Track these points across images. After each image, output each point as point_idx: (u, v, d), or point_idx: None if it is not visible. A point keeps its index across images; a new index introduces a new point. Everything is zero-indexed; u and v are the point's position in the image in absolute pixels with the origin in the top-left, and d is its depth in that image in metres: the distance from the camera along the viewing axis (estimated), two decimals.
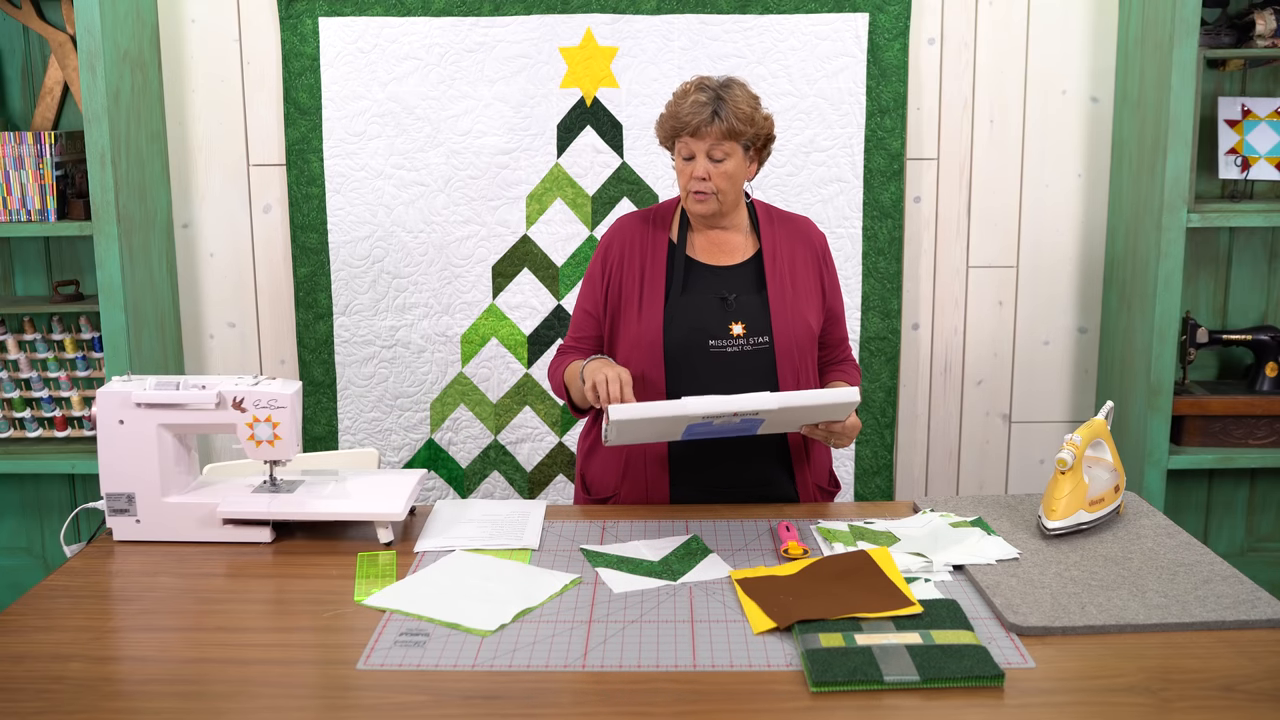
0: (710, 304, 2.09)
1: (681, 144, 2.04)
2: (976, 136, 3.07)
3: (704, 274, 2.12)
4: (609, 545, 1.86)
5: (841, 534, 1.86)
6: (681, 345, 2.06)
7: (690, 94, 2.03)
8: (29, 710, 1.38)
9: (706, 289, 2.10)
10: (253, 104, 3.04)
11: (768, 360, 2.07)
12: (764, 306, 2.09)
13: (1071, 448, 1.82)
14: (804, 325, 2.11)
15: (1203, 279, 3.11)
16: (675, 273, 2.11)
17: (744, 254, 2.15)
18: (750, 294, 2.10)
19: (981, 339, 3.17)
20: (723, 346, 2.06)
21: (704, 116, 2.00)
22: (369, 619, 1.60)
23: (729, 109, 2.01)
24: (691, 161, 2.04)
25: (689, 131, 2.02)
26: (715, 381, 2.04)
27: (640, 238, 2.16)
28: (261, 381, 1.90)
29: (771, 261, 2.13)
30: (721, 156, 2.03)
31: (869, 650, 1.45)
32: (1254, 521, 3.21)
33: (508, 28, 2.95)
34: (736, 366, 2.06)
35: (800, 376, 2.11)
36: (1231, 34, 2.85)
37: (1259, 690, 1.39)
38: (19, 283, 3.11)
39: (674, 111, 2.04)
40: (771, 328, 2.08)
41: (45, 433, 3.04)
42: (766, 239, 2.15)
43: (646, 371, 2.08)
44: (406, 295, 3.06)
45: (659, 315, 2.08)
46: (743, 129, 2.02)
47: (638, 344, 2.08)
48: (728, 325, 2.07)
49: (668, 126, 2.06)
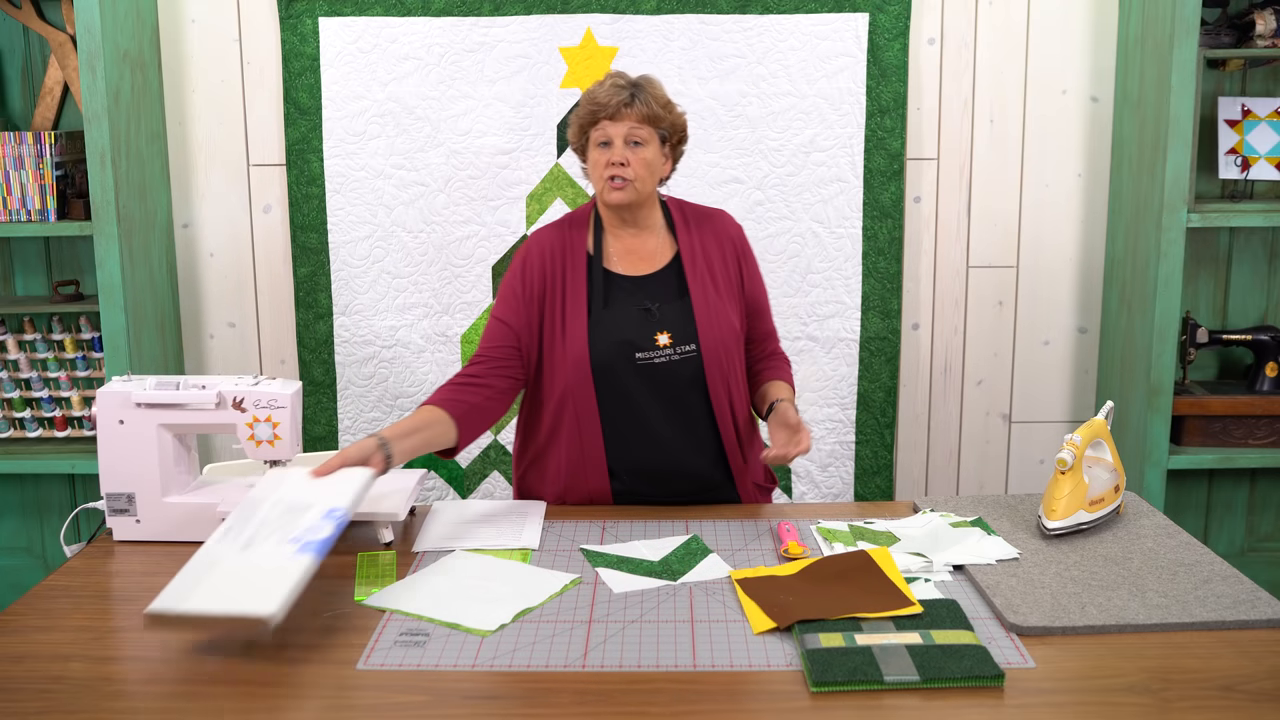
0: (633, 316, 2.05)
1: (598, 131, 2.02)
2: (976, 136, 3.07)
3: (624, 285, 2.09)
4: (609, 545, 1.86)
5: (841, 534, 1.86)
6: (608, 361, 2.03)
7: (606, 81, 2.04)
8: (29, 710, 1.38)
9: (628, 301, 2.07)
10: (253, 104, 3.04)
11: (695, 368, 2.05)
12: (688, 313, 2.06)
13: (1071, 448, 1.82)
14: (729, 328, 2.09)
15: (1203, 279, 3.11)
16: (595, 287, 2.07)
17: (662, 259, 2.12)
18: (673, 301, 2.07)
19: (981, 339, 3.17)
20: (649, 358, 2.03)
21: (623, 98, 2.00)
22: (369, 619, 1.60)
23: (647, 94, 2.02)
24: (608, 148, 2.02)
25: (607, 114, 2.00)
26: (645, 394, 2.04)
27: (558, 252, 2.11)
28: (261, 381, 1.90)
29: (691, 265, 2.10)
30: (640, 140, 2.02)
31: (869, 650, 1.45)
32: (1254, 521, 3.21)
33: (508, 28, 2.95)
34: (664, 378, 2.04)
35: (729, 381, 2.09)
36: (1231, 34, 2.85)
37: (1259, 690, 1.39)
38: (19, 283, 3.11)
39: (591, 97, 2.03)
40: (697, 335, 2.05)
41: (45, 433, 3.04)
42: (684, 241, 2.12)
43: (576, 396, 2.05)
44: (406, 295, 3.06)
45: (583, 333, 2.04)
46: (661, 114, 2.03)
47: (564, 364, 2.05)
48: (653, 336, 2.04)
49: (584, 114, 2.04)
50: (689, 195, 3.01)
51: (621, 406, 2.05)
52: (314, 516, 1.63)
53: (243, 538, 1.61)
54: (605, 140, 2.02)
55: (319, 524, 1.62)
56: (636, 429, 2.06)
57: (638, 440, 2.06)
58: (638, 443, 2.06)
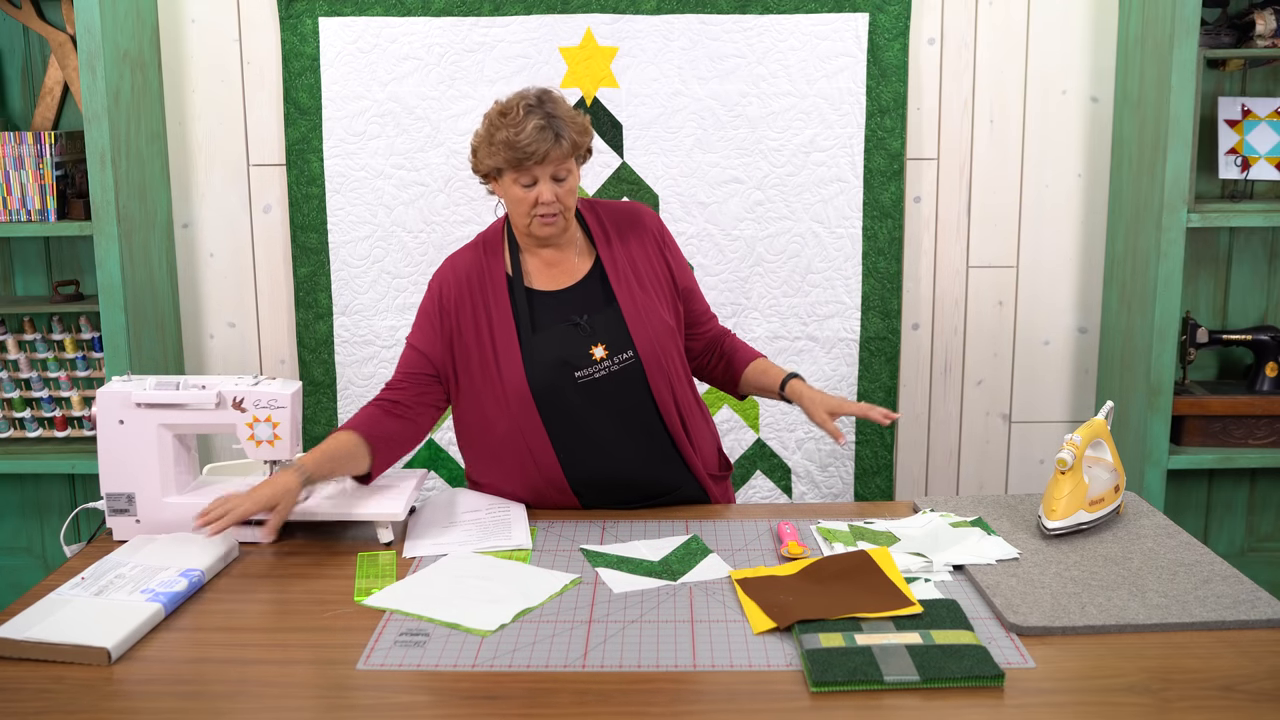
0: (565, 334, 1.99)
1: (522, 173, 1.92)
2: (976, 136, 3.07)
3: (549, 303, 2.02)
4: (609, 545, 1.86)
5: (841, 534, 1.86)
6: (548, 386, 1.97)
7: (522, 119, 1.90)
8: (29, 710, 1.38)
9: (557, 318, 2.01)
10: (253, 104, 3.04)
11: (637, 375, 2.00)
12: (618, 320, 2.01)
13: (1071, 448, 1.82)
14: (663, 327, 2.04)
15: (1203, 279, 3.11)
16: (520, 310, 2.00)
17: (583, 269, 2.06)
18: (601, 310, 2.02)
19: (981, 339, 3.17)
20: (589, 374, 1.98)
21: (549, 141, 1.90)
22: (369, 619, 1.60)
23: (565, 126, 1.92)
24: (532, 188, 1.93)
25: (536, 160, 1.90)
26: (590, 410, 1.99)
27: (475, 278, 2.03)
28: (261, 381, 1.90)
29: (613, 269, 2.04)
30: (564, 175, 1.95)
31: (869, 650, 1.45)
32: (1254, 521, 3.21)
33: (508, 28, 2.95)
34: (607, 390, 1.99)
35: (673, 382, 2.04)
36: (1231, 34, 2.85)
37: (1259, 690, 1.39)
38: (19, 283, 3.11)
39: (511, 141, 1.90)
40: (633, 341, 2.00)
41: (45, 433, 3.04)
42: (603, 246, 2.06)
43: (523, 425, 1.98)
44: (406, 295, 3.06)
45: (517, 360, 1.97)
46: (582, 141, 1.96)
47: (505, 399, 1.98)
48: (588, 351, 1.98)
49: (505, 157, 1.91)
50: (689, 195, 3.03)
51: (569, 426, 2.00)
52: (170, 574, 1.70)
53: (95, 587, 1.66)
54: (530, 182, 1.94)
55: (173, 579, 1.69)
56: (587, 445, 2.01)
57: (591, 455, 2.01)
58: (591, 457, 2.01)
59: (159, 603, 1.61)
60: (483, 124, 1.99)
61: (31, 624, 1.54)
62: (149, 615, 1.58)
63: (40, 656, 1.49)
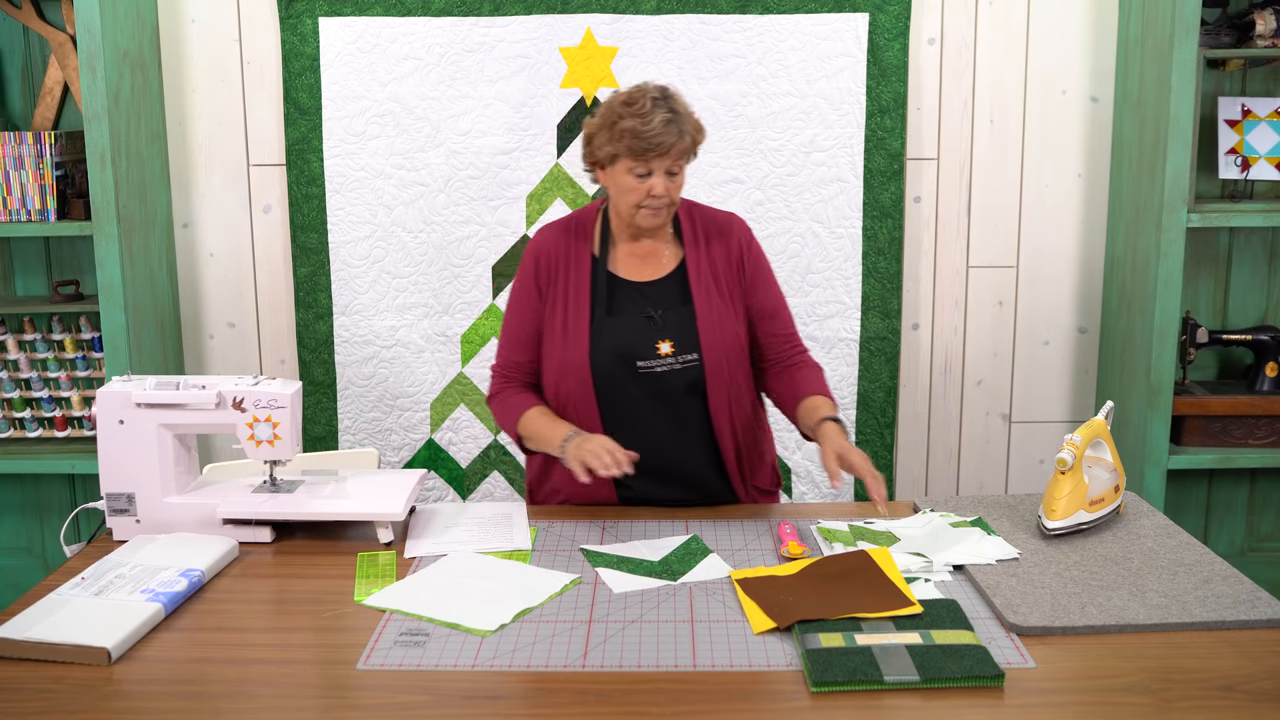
0: (636, 323, 2.04)
1: (641, 164, 1.96)
2: (976, 136, 3.07)
3: (629, 291, 2.07)
4: (609, 545, 1.86)
5: (841, 534, 1.86)
6: (609, 369, 2.02)
7: (649, 110, 1.94)
8: (29, 710, 1.38)
9: (632, 308, 2.06)
10: (253, 104, 3.04)
11: (697, 377, 2.03)
12: (691, 321, 2.04)
13: (1071, 448, 1.82)
14: (733, 337, 2.06)
15: (1203, 279, 3.11)
16: (599, 291, 2.06)
17: (668, 266, 2.09)
18: (676, 309, 2.05)
19: (981, 339, 3.17)
20: (651, 367, 2.02)
21: (674, 135, 1.94)
22: (369, 619, 1.60)
23: (686, 123, 1.98)
24: (647, 179, 1.97)
25: (659, 152, 1.94)
26: (645, 401, 2.03)
27: (564, 252, 2.09)
28: (261, 381, 1.91)
29: (696, 272, 2.07)
30: (677, 171, 2.00)
31: (869, 650, 1.45)
32: (1254, 521, 3.21)
33: (508, 28, 2.95)
34: (666, 386, 2.03)
35: (731, 393, 2.06)
36: (1231, 34, 2.85)
37: (1259, 690, 1.39)
38: (19, 283, 3.11)
39: (638, 131, 1.93)
40: (700, 344, 2.03)
41: (45, 433, 3.04)
42: (690, 248, 2.09)
43: (576, 396, 2.04)
44: (406, 295, 3.06)
45: (584, 339, 2.03)
46: (698, 139, 2.01)
47: (564, 369, 2.04)
48: (654, 344, 2.02)
49: (628, 145, 1.94)
50: (689, 195, 3.01)
51: (622, 411, 2.05)
52: (169, 575, 1.71)
53: (95, 587, 1.67)
54: (645, 172, 1.97)
55: (173, 579, 1.69)
56: (635, 432, 2.04)
57: (637, 444, 2.03)
58: (637, 445, 2.03)
59: (159, 603, 1.61)
60: (600, 112, 2.01)
61: (31, 624, 1.54)
62: (149, 615, 1.58)
63: (40, 656, 1.49)
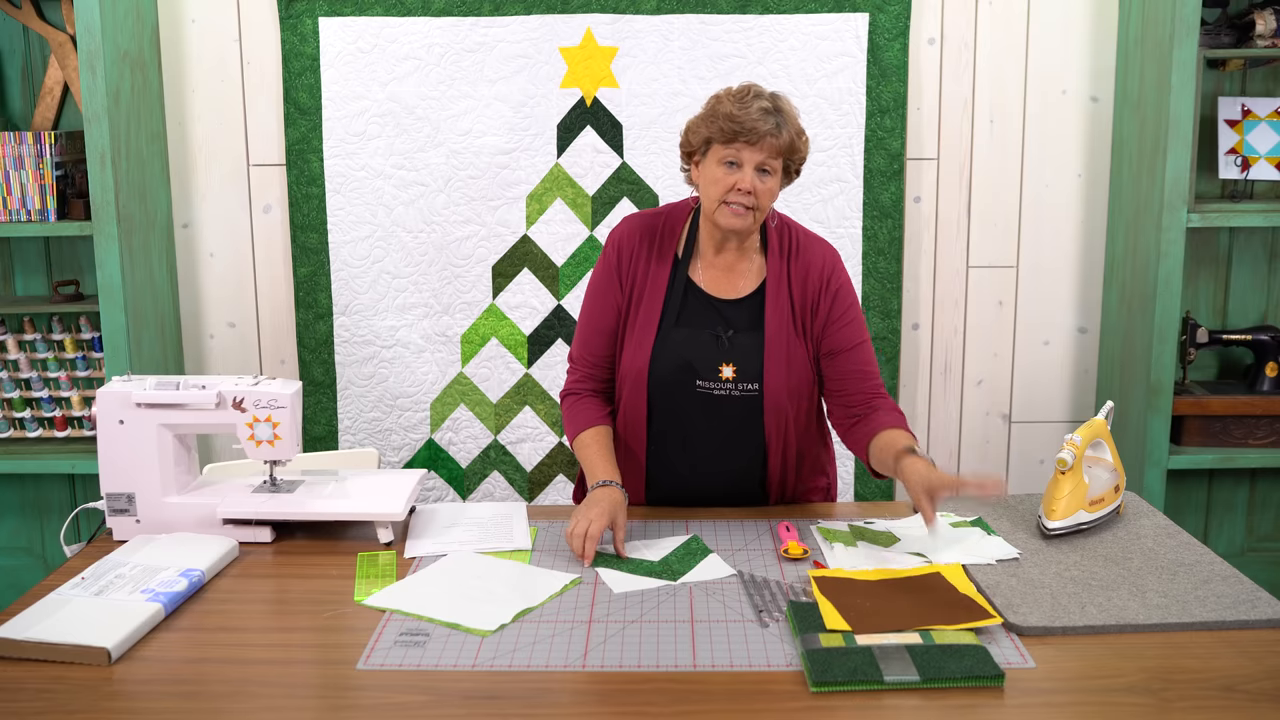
0: (702, 340, 1.97)
1: (730, 150, 1.87)
2: (976, 136, 3.07)
3: (704, 304, 1.99)
4: (609, 545, 1.86)
5: (841, 534, 1.86)
6: (666, 382, 1.97)
7: (750, 99, 1.87)
8: (29, 710, 1.38)
9: (702, 323, 1.98)
10: (253, 104, 3.04)
11: (755, 408, 1.97)
12: (758, 350, 1.96)
13: (1071, 448, 1.82)
14: (802, 374, 1.99)
15: (1203, 279, 3.11)
16: (673, 298, 1.99)
17: (748, 286, 2.00)
18: (747, 332, 1.97)
19: (981, 339, 3.17)
20: (709, 388, 1.97)
21: (770, 126, 1.85)
22: (369, 619, 1.60)
23: (788, 124, 1.89)
24: (735, 170, 1.88)
25: (749, 138, 1.85)
26: (698, 420, 1.99)
27: (646, 247, 2.02)
28: (261, 381, 1.90)
29: (774, 298, 1.98)
30: (769, 170, 1.89)
31: (869, 650, 1.45)
32: (1254, 521, 3.21)
33: (508, 28, 2.95)
34: (723, 411, 1.98)
35: (787, 430, 2.00)
36: (1231, 34, 2.85)
37: (1259, 690, 1.39)
38: (19, 283, 3.11)
39: (732, 114, 1.86)
40: (763, 375, 1.96)
41: (45, 433, 3.04)
42: (773, 271, 1.99)
43: (629, 401, 2.01)
44: (406, 295, 3.06)
45: (648, 345, 1.98)
46: (796, 145, 1.90)
47: (625, 372, 2.01)
48: (717, 366, 1.96)
49: (721, 129, 1.87)
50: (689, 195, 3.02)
51: (671, 425, 2.01)
52: (169, 574, 1.71)
53: (95, 587, 1.67)
54: (734, 161, 1.88)
55: (173, 579, 1.69)
56: (680, 449, 2.02)
57: (679, 461, 2.02)
58: (681, 461, 2.02)
59: (159, 603, 1.61)
60: (705, 104, 1.95)
61: (31, 624, 1.54)
62: (149, 615, 1.58)
63: (40, 656, 1.49)
